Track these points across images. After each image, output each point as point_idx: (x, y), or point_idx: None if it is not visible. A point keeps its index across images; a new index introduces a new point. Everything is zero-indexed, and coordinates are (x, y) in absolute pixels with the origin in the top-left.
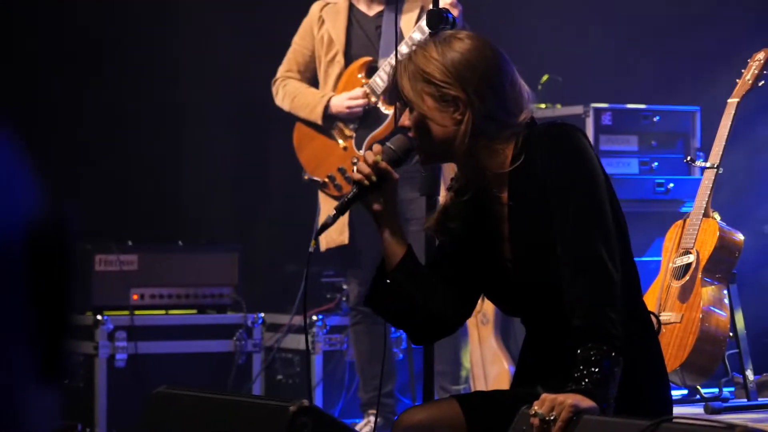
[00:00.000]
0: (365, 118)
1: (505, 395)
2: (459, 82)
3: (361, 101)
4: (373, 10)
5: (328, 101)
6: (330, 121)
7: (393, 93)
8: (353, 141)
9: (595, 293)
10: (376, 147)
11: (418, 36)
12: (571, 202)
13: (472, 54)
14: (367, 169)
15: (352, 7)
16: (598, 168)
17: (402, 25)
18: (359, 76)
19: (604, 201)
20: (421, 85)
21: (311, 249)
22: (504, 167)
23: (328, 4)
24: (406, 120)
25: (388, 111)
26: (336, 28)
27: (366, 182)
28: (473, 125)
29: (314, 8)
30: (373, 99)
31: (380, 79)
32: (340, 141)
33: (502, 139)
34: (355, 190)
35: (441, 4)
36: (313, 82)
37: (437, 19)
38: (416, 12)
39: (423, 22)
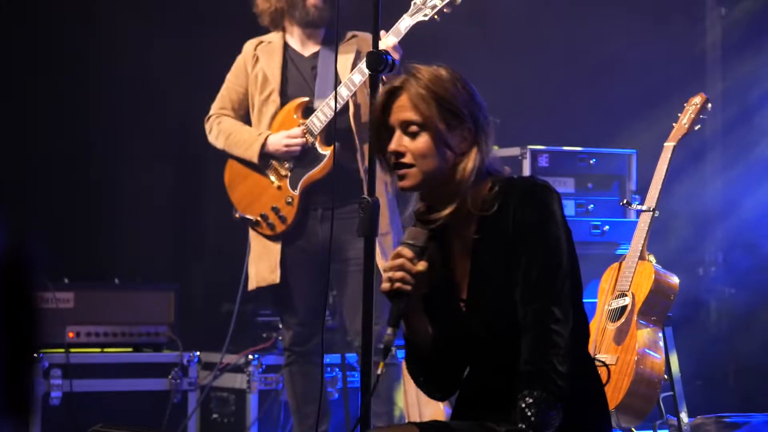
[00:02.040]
0: (301, 158)
1: (463, 426)
2: (467, 106)
3: (299, 140)
4: (308, 50)
5: (266, 140)
6: (265, 160)
7: (329, 134)
8: (288, 180)
9: (545, 344)
10: (407, 252)
11: (358, 78)
12: (534, 259)
13: (468, 87)
14: (413, 280)
15: (286, 47)
16: (563, 229)
17: (339, 67)
18: (295, 116)
19: (563, 261)
20: (431, 107)
21: (380, 372)
22: (478, 208)
23: (262, 42)
24: (401, 144)
25: (324, 151)
26: (271, 67)
27: (411, 289)
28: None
29: (248, 46)
30: (310, 139)
31: (317, 120)
32: (275, 180)
33: (483, 179)
34: (402, 301)
35: (383, 47)
36: (246, 119)
37: (377, 61)
38: (352, 54)
39: (363, 64)
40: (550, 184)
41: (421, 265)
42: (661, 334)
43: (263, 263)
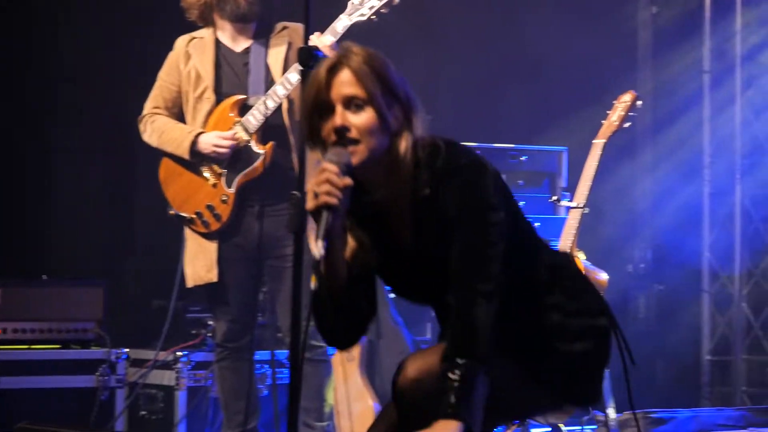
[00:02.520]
0: (237, 156)
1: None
2: (401, 85)
3: (228, 143)
4: (239, 46)
5: (196, 137)
6: (198, 158)
7: (265, 132)
8: (223, 179)
9: (469, 320)
10: (332, 167)
11: (295, 77)
12: (461, 235)
13: (397, 70)
14: (339, 193)
15: (218, 43)
16: (492, 199)
17: (269, 61)
18: (231, 114)
19: (492, 241)
20: (374, 83)
21: (314, 287)
22: (408, 182)
23: (194, 38)
24: (346, 119)
25: (260, 150)
26: (204, 64)
27: (338, 203)
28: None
29: (180, 42)
30: (245, 138)
31: (253, 118)
32: (210, 177)
33: (411, 146)
34: (329, 214)
35: (320, 45)
36: (181, 117)
37: (308, 56)
38: (284, 47)
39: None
40: (477, 158)
41: (347, 180)
42: None
43: (199, 262)
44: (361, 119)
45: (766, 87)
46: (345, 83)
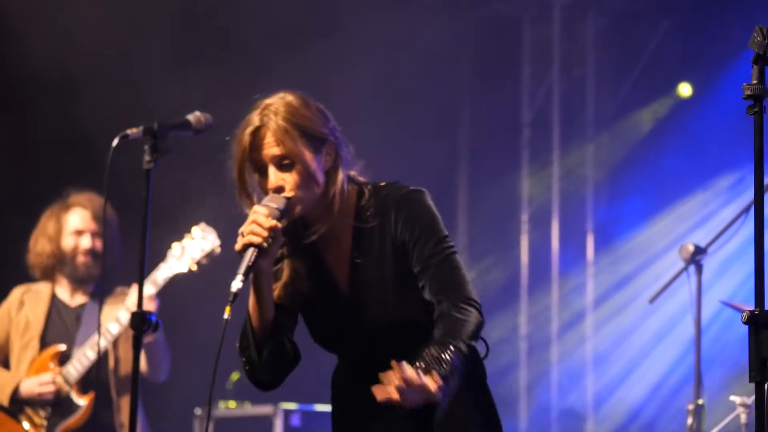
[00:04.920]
0: (58, 407)
1: None
2: (324, 125)
3: (51, 387)
4: (75, 301)
5: (17, 385)
6: (18, 405)
7: (86, 382)
8: (44, 430)
9: (465, 316)
10: (261, 209)
11: (116, 328)
12: (432, 258)
13: (317, 104)
14: (265, 232)
15: (54, 296)
16: (441, 224)
17: (102, 318)
18: (50, 365)
19: (455, 251)
20: (297, 138)
21: (227, 316)
22: (353, 217)
23: (30, 290)
24: (280, 180)
25: (81, 400)
26: (35, 314)
27: (266, 244)
28: (343, 170)
29: (16, 292)
30: (66, 387)
31: (74, 369)
32: (29, 428)
33: (349, 186)
34: (255, 253)
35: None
36: (5, 364)
37: (141, 320)
38: (119, 309)
39: (121, 314)
40: (417, 188)
41: (274, 222)
42: None
43: None
44: (293, 176)
45: None
46: (269, 144)
